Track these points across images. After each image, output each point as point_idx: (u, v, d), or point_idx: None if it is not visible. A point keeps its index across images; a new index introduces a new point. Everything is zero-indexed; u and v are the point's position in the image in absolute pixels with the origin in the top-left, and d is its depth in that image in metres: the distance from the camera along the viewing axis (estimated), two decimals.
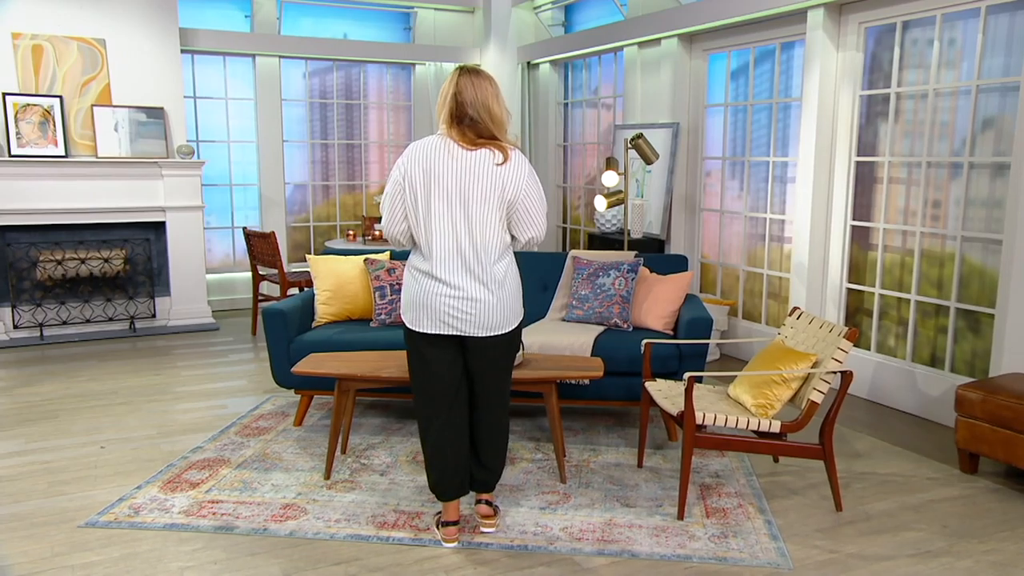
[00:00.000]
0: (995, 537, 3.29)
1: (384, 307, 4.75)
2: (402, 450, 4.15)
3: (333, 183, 8.49)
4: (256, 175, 8.03)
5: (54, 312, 6.61)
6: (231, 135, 7.92)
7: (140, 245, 6.87)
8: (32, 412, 4.77)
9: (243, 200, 8.07)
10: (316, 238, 8.44)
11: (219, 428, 4.50)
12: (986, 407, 3.79)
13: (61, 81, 6.51)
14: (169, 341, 6.63)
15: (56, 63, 6.48)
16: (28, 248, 6.47)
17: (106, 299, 6.80)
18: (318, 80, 8.28)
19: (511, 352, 3.20)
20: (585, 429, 4.43)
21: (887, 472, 3.93)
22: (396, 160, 3.07)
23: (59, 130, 6.47)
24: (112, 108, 6.67)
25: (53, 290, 6.61)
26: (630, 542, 3.16)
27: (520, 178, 2.97)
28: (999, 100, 4.42)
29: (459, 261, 2.96)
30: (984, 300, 4.50)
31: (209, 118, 7.81)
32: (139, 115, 6.77)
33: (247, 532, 3.27)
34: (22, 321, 6.49)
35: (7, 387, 5.28)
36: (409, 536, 3.23)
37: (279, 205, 8.09)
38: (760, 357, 3.71)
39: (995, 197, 4.43)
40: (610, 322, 4.52)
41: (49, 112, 6.43)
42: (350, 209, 8.59)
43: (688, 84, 6.37)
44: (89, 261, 6.65)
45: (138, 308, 6.91)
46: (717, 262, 6.41)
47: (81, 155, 6.59)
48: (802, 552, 3.12)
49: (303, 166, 8.33)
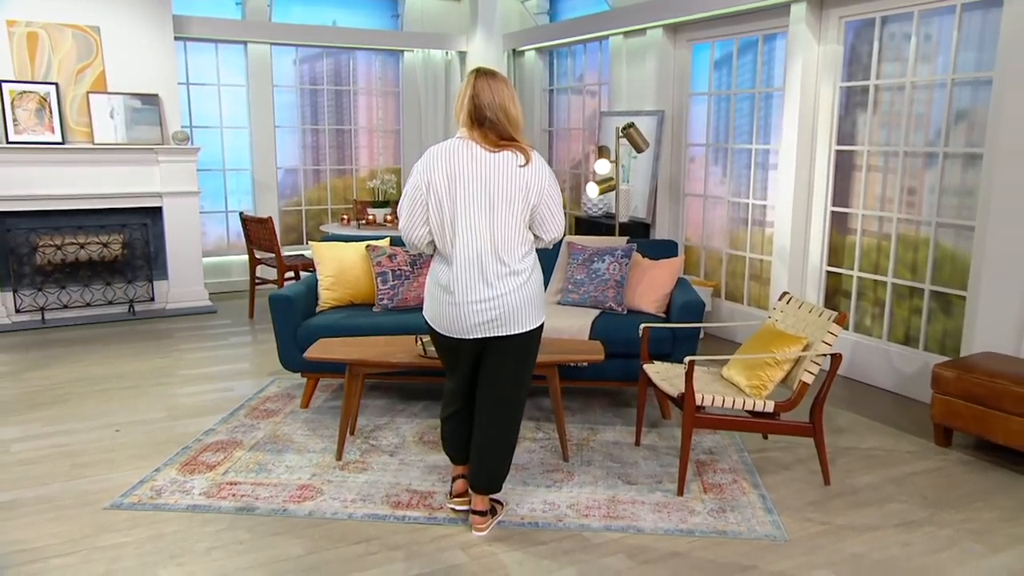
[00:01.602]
0: (971, 507, 3.42)
1: (386, 292, 4.77)
2: (408, 431, 4.19)
3: (324, 167, 8.44)
4: (248, 160, 7.97)
5: (55, 296, 6.54)
6: (223, 121, 7.83)
7: (138, 230, 6.80)
8: (44, 396, 4.75)
9: (236, 184, 8.01)
10: (308, 221, 8.40)
11: (228, 410, 4.51)
12: (960, 385, 3.92)
13: (56, 68, 6.40)
14: (169, 324, 6.59)
15: (51, 50, 6.36)
16: (28, 234, 6.38)
17: (105, 283, 6.73)
18: (308, 67, 8.20)
19: (528, 352, 3.05)
20: (582, 408, 4.50)
21: (869, 447, 4.05)
22: (413, 164, 3.01)
23: (55, 117, 6.36)
24: (107, 95, 6.57)
25: (53, 275, 6.54)
26: (635, 518, 3.24)
27: (543, 179, 2.95)
28: (972, 93, 4.51)
29: (480, 265, 2.89)
30: (956, 282, 4.62)
31: (202, 104, 7.72)
32: (134, 102, 6.67)
33: (267, 513, 3.31)
34: (24, 305, 6.42)
35: (15, 371, 5.24)
36: (424, 515, 3.28)
37: (272, 189, 8.04)
38: (753, 340, 3.79)
39: (967, 186, 4.53)
40: (605, 305, 4.58)
41: (45, 99, 6.33)
42: (340, 193, 8.55)
43: (672, 73, 6.41)
44: (88, 246, 6.58)
45: (137, 292, 6.85)
46: (700, 245, 6.49)
47: (78, 142, 6.49)
48: (796, 524, 3.22)
49: (294, 151, 8.27)
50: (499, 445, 3.10)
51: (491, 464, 3.11)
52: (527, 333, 2.99)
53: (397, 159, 8.78)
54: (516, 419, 3.13)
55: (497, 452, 3.11)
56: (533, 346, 3.07)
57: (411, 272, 4.82)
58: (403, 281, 4.80)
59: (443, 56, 8.54)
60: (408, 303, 4.78)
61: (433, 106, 8.55)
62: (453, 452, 3.27)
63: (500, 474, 3.14)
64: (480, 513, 3.15)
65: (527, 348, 3.04)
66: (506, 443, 3.12)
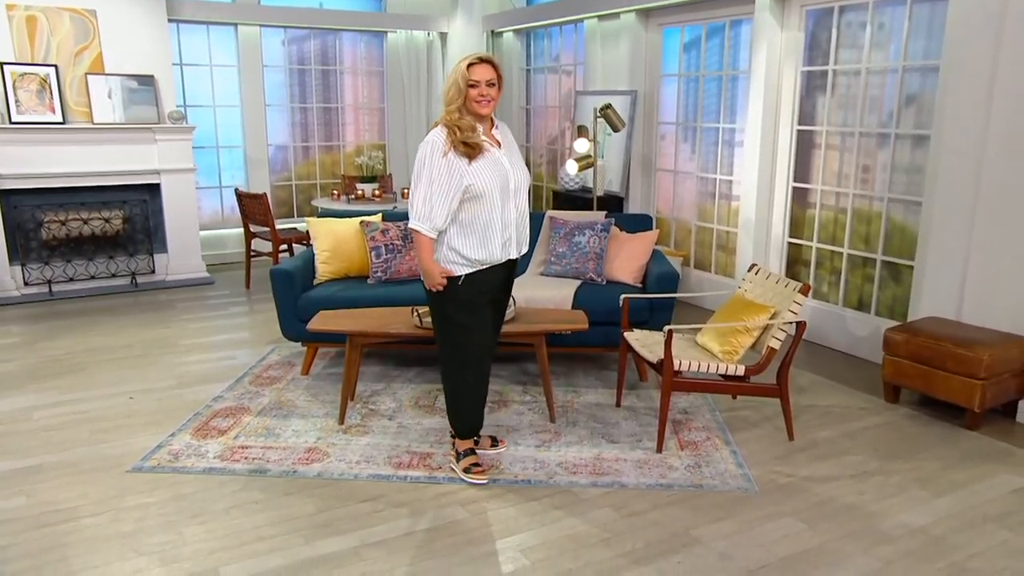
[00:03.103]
0: (917, 457, 3.57)
1: (380, 265, 4.79)
2: (404, 395, 4.25)
3: (312, 144, 8.36)
4: (240, 137, 7.87)
5: (61, 269, 6.47)
6: (216, 100, 7.71)
7: (137, 206, 6.72)
8: (58, 365, 4.73)
9: (229, 161, 7.91)
10: (298, 195, 8.34)
11: (233, 378, 4.53)
12: (908, 347, 4.05)
13: (55, 50, 6.25)
14: (169, 295, 6.55)
15: (50, 33, 6.21)
16: (34, 210, 6.29)
17: (108, 256, 6.67)
18: (296, 48, 8.08)
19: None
20: (566, 372, 4.59)
21: (826, 404, 4.19)
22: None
23: (56, 98, 6.23)
24: (105, 76, 6.44)
25: (59, 249, 6.46)
26: (619, 474, 3.35)
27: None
28: (920, 79, 4.59)
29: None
30: (904, 253, 4.74)
31: (195, 84, 7.59)
32: (131, 83, 6.55)
33: (279, 474, 3.36)
34: (32, 278, 6.35)
35: (29, 341, 5.21)
36: (424, 474, 3.36)
37: (263, 165, 7.96)
38: (724, 309, 3.88)
39: (916, 164, 4.64)
40: (586, 276, 4.64)
41: (46, 80, 6.19)
42: (329, 168, 8.48)
43: (644, 55, 6.42)
44: (91, 221, 6.50)
45: (138, 264, 6.79)
46: (671, 217, 6.56)
47: (78, 121, 6.38)
48: (765, 477, 3.35)
49: (284, 128, 8.17)
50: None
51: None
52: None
53: (382, 135, 8.71)
54: (444, 359, 3.34)
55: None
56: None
57: (403, 246, 4.84)
58: (395, 255, 4.82)
59: (425, 37, 8.45)
60: (400, 275, 4.80)
61: (416, 85, 8.48)
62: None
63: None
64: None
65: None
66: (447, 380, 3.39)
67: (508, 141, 3.20)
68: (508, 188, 3.10)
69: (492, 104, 3.01)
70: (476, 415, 3.36)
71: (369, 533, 2.90)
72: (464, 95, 2.99)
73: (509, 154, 3.16)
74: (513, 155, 3.18)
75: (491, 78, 2.98)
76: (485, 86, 2.97)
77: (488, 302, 3.23)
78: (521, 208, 3.19)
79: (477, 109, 3.00)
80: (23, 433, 3.77)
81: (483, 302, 3.20)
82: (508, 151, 3.16)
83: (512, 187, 3.12)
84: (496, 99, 3.02)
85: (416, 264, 4.83)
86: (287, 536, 2.88)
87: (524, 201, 3.21)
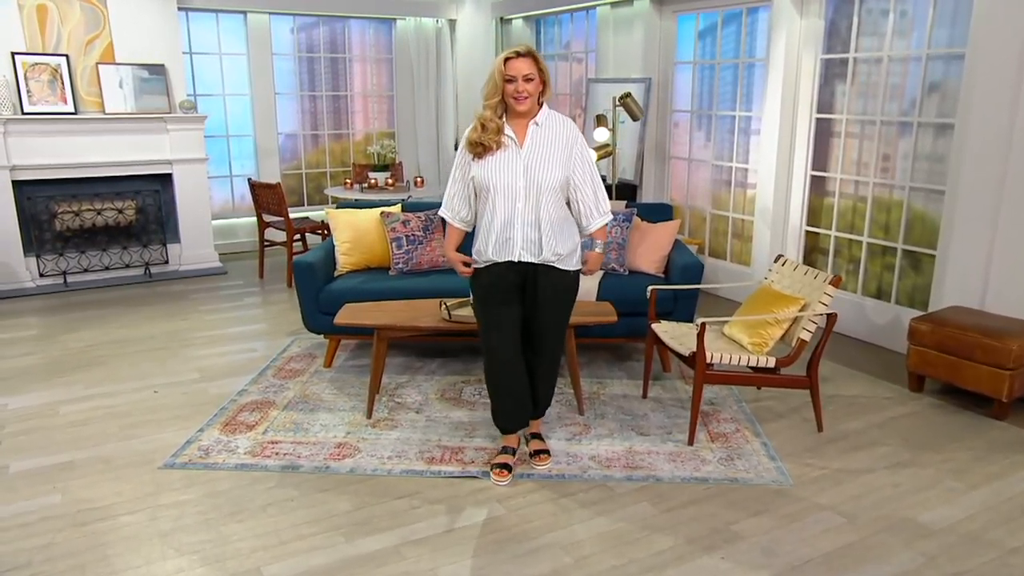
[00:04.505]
0: (947, 448, 3.54)
1: (401, 256, 4.73)
2: (429, 388, 4.20)
3: (322, 132, 8.25)
4: (251, 126, 7.76)
5: (75, 260, 6.38)
6: (225, 89, 7.60)
7: (150, 196, 6.63)
8: (82, 358, 4.67)
9: (239, 150, 7.81)
10: (308, 184, 8.25)
11: (256, 371, 4.48)
12: (934, 337, 4.01)
13: (66, 40, 6.13)
14: (184, 285, 6.48)
15: (60, 23, 6.08)
16: (47, 201, 6.19)
17: (122, 247, 6.58)
18: (305, 35, 7.95)
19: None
20: (588, 363, 4.54)
21: (851, 394, 4.15)
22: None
23: (67, 88, 6.12)
24: (116, 66, 6.32)
25: (73, 240, 6.37)
26: (652, 468, 3.31)
27: None
28: (944, 67, 4.52)
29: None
30: (925, 242, 4.69)
31: (205, 73, 7.47)
32: (142, 72, 6.43)
33: (311, 471, 3.31)
34: (46, 270, 6.26)
35: (49, 334, 5.14)
36: (458, 469, 3.31)
37: (273, 154, 7.86)
38: (752, 300, 3.83)
39: (938, 153, 4.58)
40: (608, 267, 4.59)
41: (57, 70, 6.07)
42: (338, 156, 8.38)
43: (658, 42, 6.33)
44: (104, 212, 6.41)
45: (151, 255, 6.71)
46: (685, 204, 6.50)
47: (89, 111, 6.27)
48: (798, 470, 3.31)
49: (294, 116, 8.06)
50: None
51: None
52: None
53: (391, 123, 8.61)
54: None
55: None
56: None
57: (423, 237, 4.78)
58: (416, 246, 4.75)
59: (434, 24, 8.32)
60: (422, 266, 4.74)
61: (425, 72, 8.37)
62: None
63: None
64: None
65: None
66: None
67: (547, 139, 2.98)
68: (515, 188, 2.94)
69: (528, 100, 2.91)
70: (501, 412, 3.25)
71: (410, 531, 2.86)
72: (501, 90, 2.91)
73: (537, 154, 2.95)
74: (544, 155, 2.95)
75: (528, 73, 2.87)
76: (522, 81, 2.87)
77: (500, 303, 3.07)
78: (539, 211, 2.95)
79: (514, 105, 2.92)
80: (52, 428, 3.72)
81: (493, 301, 3.07)
82: (539, 150, 2.95)
83: (523, 188, 2.93)
84: (534, 94, 2.92)
85: (438, 255, 4.79)
86: (327, 534, 2.84)
87: (544, 205, 2.95)
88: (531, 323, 3.14)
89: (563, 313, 3.15)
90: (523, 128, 2.99)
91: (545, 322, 3.12)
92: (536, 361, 3.20)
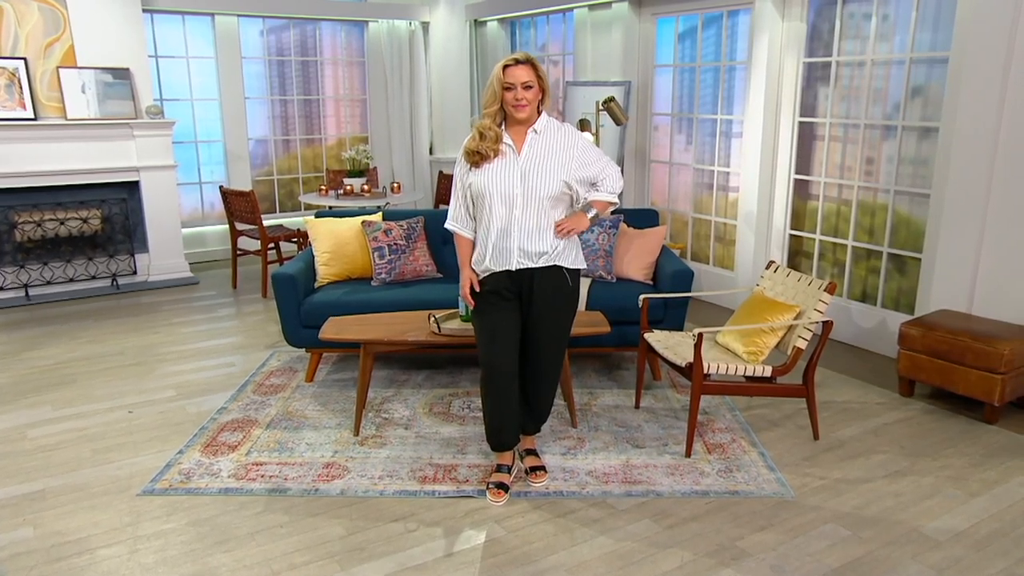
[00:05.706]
0: (943, 454, 3.53)
1: (384, 267, 4.61)
2: (416, 402, 4.09)
3: (293, 137, 8.08)
4: (220, 131, 7.56)
5: (38, 272, 6.15)
6: (193, 93, 7.39)
7: (116, 204, 6.41)
8: (49, 377, 4.47)
9: (208, 156, 7.60)
10: (280, 190, 8.07)
11: (235, 387, 4.33)
12: (925, 341, 4.01)
13: (24, 43, 5.91)
14: (153, 297, 6.28)
15: (17, 25, 5.86)
16: (6, 211, 5.95)
17: (87, 258, 6.36)
18: (275, 38, 7.77)
19: None
20: (578, 373, 4.46)
21: (843, 400, 4.13)
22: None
23: (26, 93, 5.89)
24: (78, 70, 6.10)
25: (35, 251, 6.14)
26: (651, 482, 3.24)
27: None
28: (927, 71, 4.53)
29: None
30: (910, 245, 4.71)
31: (171, 77, 7.26)
32: (105, 76, 6.22)
33: (300, 493, 3.19)
34: (6, 283, 6.02)
35: (12, 351, 4.92)
36: (452, 489, 3.21)
37: (244, 159, 7.66)
38: (744, 308, 3.79)
39: (922, 156, 4.59)
40: (596, 274, 4.52)
41: (15, 74, 5.84)
42: (311, 162, 8.22)
43: (638, 45, 6.28)
44: (68, 222, 6.19)
45: (119, 265, 6.49)
46: (666, 208, 6.47)
47: (50, 117, 6.04)
48: (798, 480, 3.27)
49: (264, 121, 7.88)
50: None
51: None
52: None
53: (364, 127, 8.46)
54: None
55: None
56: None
57: (407, 246, 4.67)
58: (399, 255, 4.64)
59: (407, 26, 8.20)
60: (405, 276, 4.64)
61: (398, 75, 8.24)
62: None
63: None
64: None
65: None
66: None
67: (545, 146, 2.92)
68: (512, 196, 2.88)
69: (528, 107, 2.85)
70: (496, 429, 3.14)
71: (407, 556, 2.75)
72: (500, 98, 2.83)
73: (535, 161, 2.89)
74: (542, 163, 2.89)
75: (527, 80, 2.81)
76: (521, 89, 2.81)
77: (499, 313, 2.98)
78: (537, 219, 2.90)
79: (513, 113, 2.85)
80: (20, 454, 3.54)
81: (491, 311, 3.00)
82: (537, 158, 2.90)
83: (520, 195, 2.88)
84: (533, 102, 2.86)
85: (421, 264, 4.68)
86: (321, 563, 2.72)
87: (541, 213, 2.90)
88: (531, 333, 3.05)
89: (563, 323, 3.08)
90: (522, 136, 2.93)
91: (545, 332, 3.04)
92: (536, 376, 3.11)
